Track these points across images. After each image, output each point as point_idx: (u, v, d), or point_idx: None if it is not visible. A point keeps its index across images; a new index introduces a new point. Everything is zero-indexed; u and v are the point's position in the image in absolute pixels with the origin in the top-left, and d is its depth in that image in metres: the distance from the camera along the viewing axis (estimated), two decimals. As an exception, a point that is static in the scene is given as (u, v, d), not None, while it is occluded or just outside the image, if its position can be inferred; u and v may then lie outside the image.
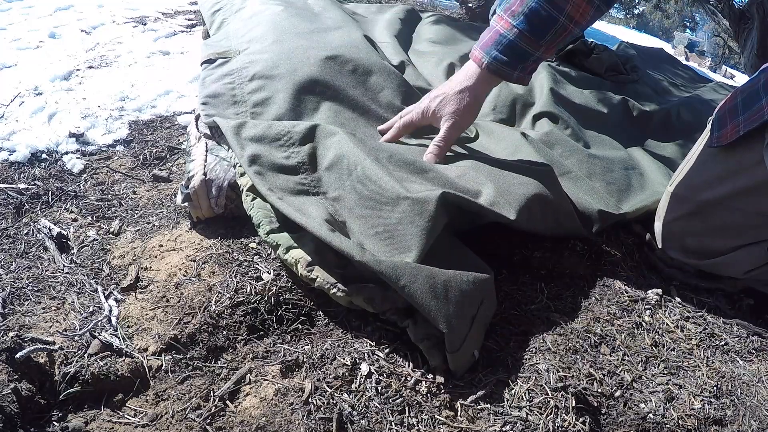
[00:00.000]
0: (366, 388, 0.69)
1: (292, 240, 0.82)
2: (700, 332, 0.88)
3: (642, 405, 0.73)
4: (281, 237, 0.83)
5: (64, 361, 0.69)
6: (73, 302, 0.79)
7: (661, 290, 0.94)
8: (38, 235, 0.92)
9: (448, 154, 0.99)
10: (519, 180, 0.91)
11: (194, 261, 0.86)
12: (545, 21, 0.87)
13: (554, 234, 0.98)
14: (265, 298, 0.79)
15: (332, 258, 0.79)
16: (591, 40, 1.89)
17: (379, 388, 0.69)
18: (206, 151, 0.97)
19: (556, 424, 0.68)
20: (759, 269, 0.89)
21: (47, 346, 0.69)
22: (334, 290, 0.77)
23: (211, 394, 0.68)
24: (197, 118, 1.06)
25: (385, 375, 0.71)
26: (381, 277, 0.72)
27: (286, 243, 0.82)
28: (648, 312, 0.89)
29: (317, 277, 0.78)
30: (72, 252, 0.90)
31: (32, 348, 0.68)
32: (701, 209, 0.94)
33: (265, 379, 0.69)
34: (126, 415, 0.66)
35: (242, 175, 0.90)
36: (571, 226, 0.97)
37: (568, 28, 0.89)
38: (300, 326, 0.78)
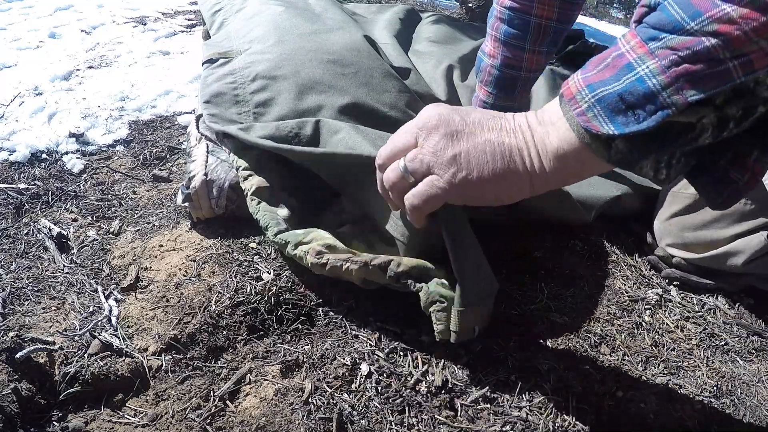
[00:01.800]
0: (366, 388, 0.69)
1: (301, 236, 0.82)
2: (700, 332, 0.88)
3: (642, 405, 0.73)
4: (289, 235, 0.83)
5: (64, 361, 0.69)
6: (73, 302, 0.79)
7: (661, 290, 0.94)
8: (38, 235, 0.92)
9: None
10: None
11: (194, 261, 0.86)
12: (510, 81, 1.08)
13: (555, 217, 0.98)
14: (265, 298, 0.79)
15: (342, 249, 0.80)
16: (591, 40, 1.89)
17: (379, 388, 0.69)
18: (207, 152, 0.97)
19: (556, 424, 0.68)
20: (759, 259, 0.89)
21: (47, 346, 0.69)
22: (347, 265, 0.76)
23: (211, 394, 0.68)
24: (198, 118, 1.06)
25: (385, 375, 0.71)
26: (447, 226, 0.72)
27: (295, 239, 0.81)
28: (648, 312, 0.89)
29: (328, 260, 0.77)
30: (72, 252, 0.90)
31: (32, 348, 0.68)
32: (697, 201, 0.94)
33: (265, 379, 0.69)
34: (126, 415, 0.66)
35: (245, 179, 0.90)
36: (569, 207, 0.97)
37: (529, 77, 1.08)
38: (300, 326, 0.78)
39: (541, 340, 0.79)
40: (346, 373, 0.70)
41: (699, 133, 0.49)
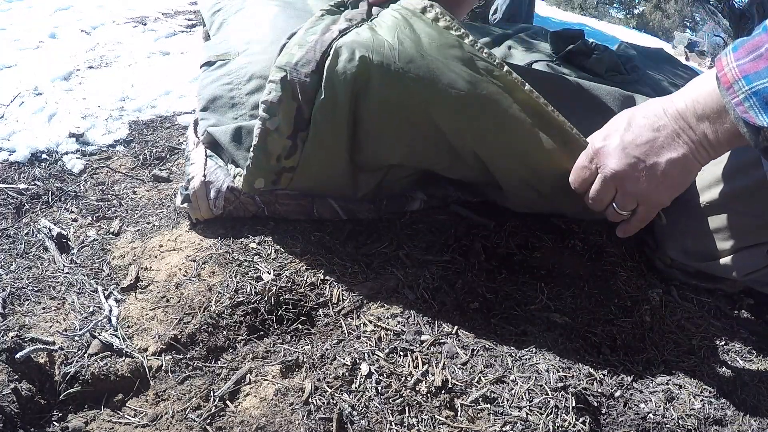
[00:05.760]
0: (366, 388, 0.69)
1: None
2: (700, 332, 0.88)
3: (642, 405, 0.73)
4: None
5: (64, 361, 0.69)
6: (73, 302, 0.79)
7: (661, 290, 0.94)
8: (38, 235, 0.92)
9: None
10: None
11: (194, 261, 0.86)
12: None
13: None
14: (265, 298, 0.79)
15: None
16: (591, 40, 1.89)
17: (379, 388, 0.69)
18: (206, 155, 0.97)
19: (556, 424, 0.68)
20: (759, 271, 0.89)
21: (47, 346, 0.69)
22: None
23: (211, 394, 0.68)
24: (196, 123, 1.06)
25: (385, 375, 0.71)
26: None
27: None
28: (648, 312, 0.89)
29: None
30: (72, 252, 0.90)
31: (32, 348, 0.68)
32: (701, 211, 0.93)
33: (265, 379, 0.69)
34: (126, 415, 0.66)
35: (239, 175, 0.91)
36: None
37: None
38: (300, 326, 0.78)
39: (541, 340, 0.79)
40: (346, 373, 0.70)
41: None
